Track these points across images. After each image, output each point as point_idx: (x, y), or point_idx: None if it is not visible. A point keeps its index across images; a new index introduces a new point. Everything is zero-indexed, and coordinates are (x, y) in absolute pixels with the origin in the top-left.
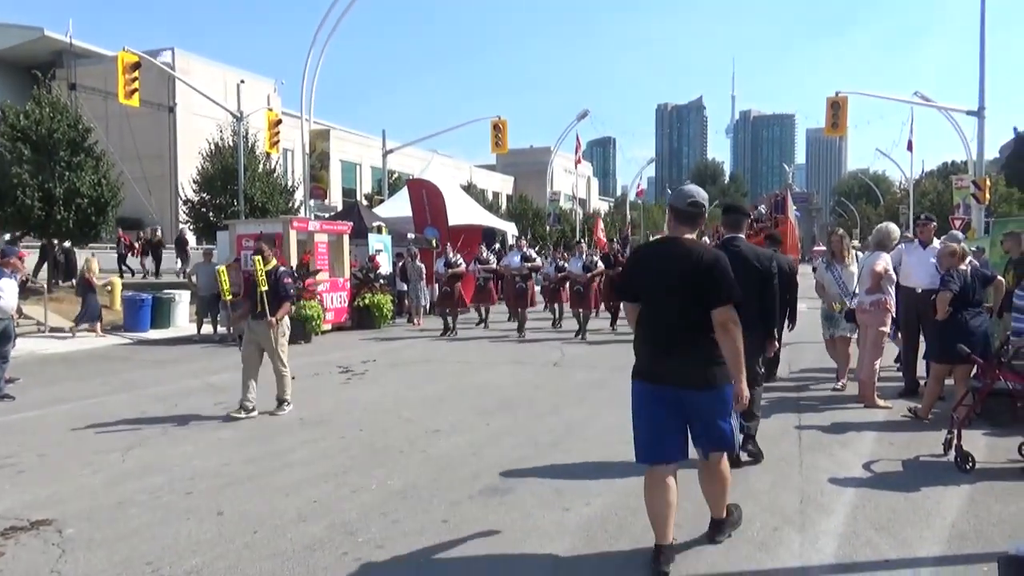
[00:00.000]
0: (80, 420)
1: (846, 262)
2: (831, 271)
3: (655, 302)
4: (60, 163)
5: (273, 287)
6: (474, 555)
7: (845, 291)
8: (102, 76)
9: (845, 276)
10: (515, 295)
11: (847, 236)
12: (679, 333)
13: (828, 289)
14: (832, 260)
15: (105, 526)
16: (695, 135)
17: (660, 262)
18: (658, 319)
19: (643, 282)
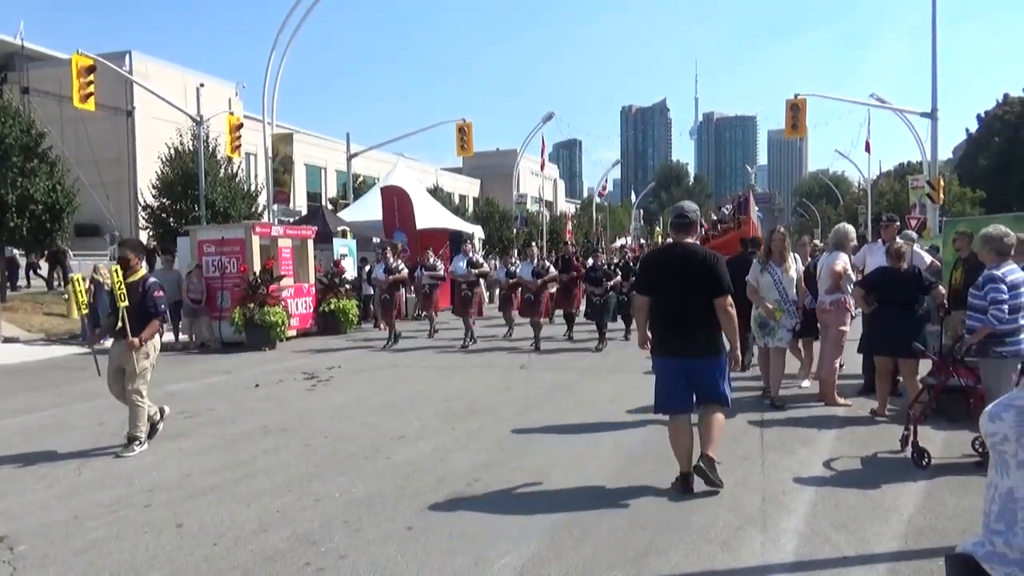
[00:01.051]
0: (35, 432)
1: (786, 264)
2: (769, 273)
3: (667, 294)
4: (12, 169)
5: (139, 303)
6: (438, 562)
7: (785, 296)
8: (56, 79)
9: (785, 280)
10: (461, 303)
11: (789, 236)
12: (687, 317)
13: (764, 293)
14: (768, 261)
15: (59, 541)
16: (660, 137)
17: (669, 262)
18: (670, 307)
19: (657, 279)
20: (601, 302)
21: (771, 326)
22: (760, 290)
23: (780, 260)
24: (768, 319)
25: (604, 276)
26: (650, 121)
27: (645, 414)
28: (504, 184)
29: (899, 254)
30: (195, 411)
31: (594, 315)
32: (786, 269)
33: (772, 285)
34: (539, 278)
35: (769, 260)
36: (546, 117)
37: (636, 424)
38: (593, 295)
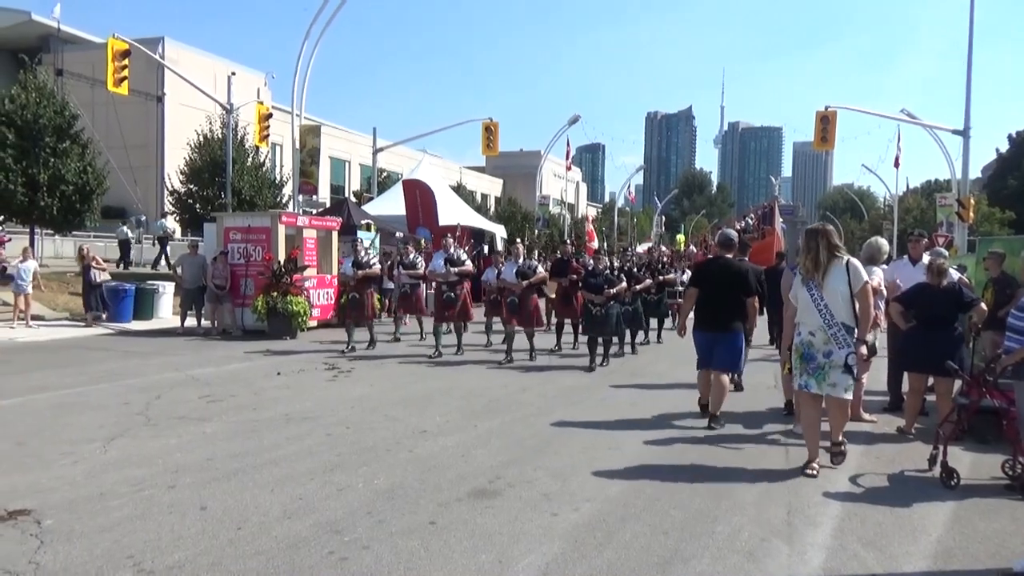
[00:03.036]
0: (60, 409)
1: (824, 276)
2: (807, 288)
3: (710, 292)
4: (45, 149)
5: None
6: (461, 558)
7: (828, 320)
8: (89, 63)
9: (827, 297)
10: (440, 306)
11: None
12: (722, 307)
13: (802, 316)
14: (810, 272)
15: (85, 518)
16: (684, 144)
17: (715, 270)
18: (712, 301)
19: (705, 278)
20: (601, 314)
21: (819, 361)
22: (798, 313)
23: (815, 271)
24: (815, 351)
25: (606, 283)
26: (675, 128)
27: (667, 419)
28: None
29: (940, 271)
30: (218, 396)
31: (590, 328)
32: (823, 282)
33: (810, 304)
34: (524, 279)
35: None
36: (572, 120)
37: (658, 429)
38: (591, 305)
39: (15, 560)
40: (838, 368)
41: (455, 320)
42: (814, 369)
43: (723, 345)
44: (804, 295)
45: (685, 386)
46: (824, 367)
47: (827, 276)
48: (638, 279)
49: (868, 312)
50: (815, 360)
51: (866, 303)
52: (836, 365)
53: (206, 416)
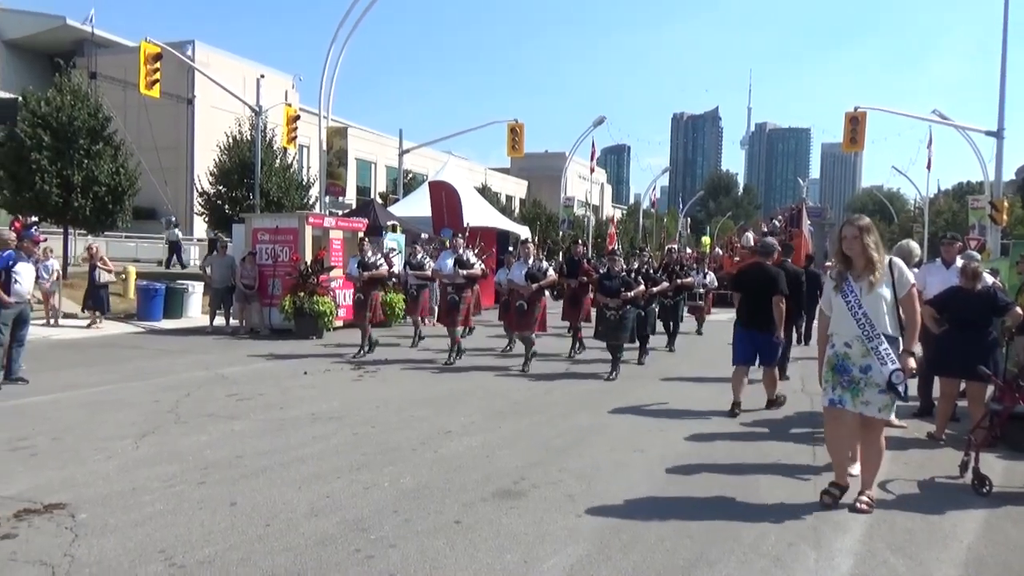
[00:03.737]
0: (93, 406)
1: (872, 276)
2: (843, 294)
3: (750, 293)
4: (79, 151)
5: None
6: (487, 558)
7: (868, 330)
8: (122, 66)
9: (867, 302)
10: (446, 309)
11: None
12: (759, 308)
13: (836, 327)
14: (846, 274)
15: (118, 512)
16: (710, 145)
17: (753, 273)
18: (751, 302)
19: (745, 282)
20: (616, 318)
21: (853, 374)
22: (832, 322)
23: (862, 271)
24: (850, 364)
25: (622, 285)
26: (701, 129)
27: (693, 422)
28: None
29: (975, 274)
30: (246, 394)
31: (606, 335)
32: (870, 284)
33: (845, 312)
34: (534, 281)
35: (846, 273)
36: (597, 121)
37: (684, 431)
38: (606, 309)
39: (51, 552)
40: (875, 387)
41: (458, 324)
42: (848, 383)
43: (763, 341)
44: (839, 302)
45: (712, 387)
46: (859, 382)
47: (866, 279)
48: (655, 281)
49: (916, 320)
50: (849, 372)
51: (913, 309)
52: (873, 383)
53: (235, 414)
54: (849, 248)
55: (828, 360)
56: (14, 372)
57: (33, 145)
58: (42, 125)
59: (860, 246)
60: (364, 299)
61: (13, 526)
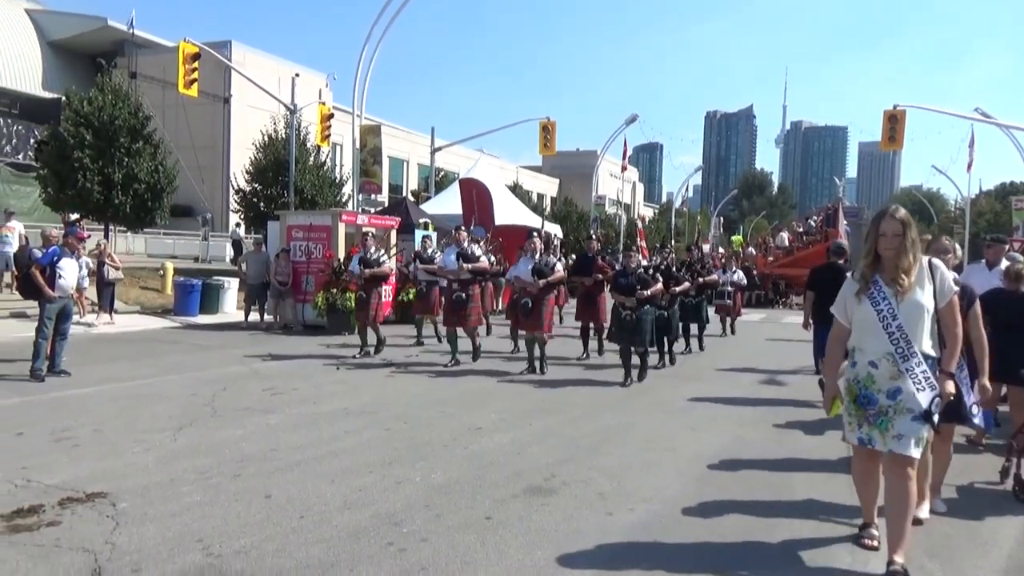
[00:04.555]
0: (132, 399)
1: (906, 282)
2: (871, 300)
3: (824, 294)
4: (120, 149)
5: None
6: (517, 554)
7: (906, 350)
8: (161, 66)
9: (903, 311)
10: (450, 307)
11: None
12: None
13: (858, 341)
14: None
15: (157, 502)
16: (744, 144)
17: (827, 273)
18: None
19: (819, 285)
20: (632, 319)
21: (880, 404)
22: (854, 335)
23: (894, 275)
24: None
25: (639, 283)
26: (735, 127)
27: (725, 421)
28: (583, 184)
29: (1018, 276)
30: (280, 389)
31: (620, 337)
32: (907, 291)
33: (875, 324)
34: (541, 278)
35: (874, 275)
36: (629, 119)
37: (715, 431)
38: (622, 309)
39: (93, 539)
40: (907, 414)
41: (463, 325)
42: (875, 416)
43: None
44: (867, 310)
45: (744, 387)
46: (887, 412)
47: (904, 284)
48: (676, 280)
49: (957, 335)
50: (874, 403)
51: (955, 322)
52: (904, 410)
53: (269, 408)
54: (888, 247)
55: (848, 388)
56: (57, 365)
57: (76, 144)
58: (84, 124)
59: (902, 245)
60: (366, 297)
61: (57, 514)
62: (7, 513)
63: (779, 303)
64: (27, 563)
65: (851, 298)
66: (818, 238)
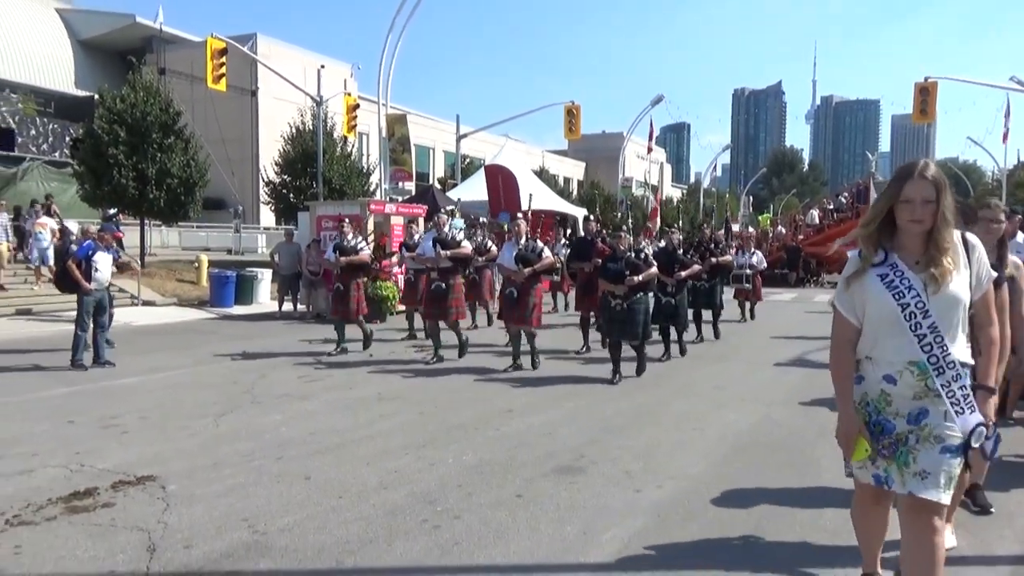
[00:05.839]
0: (174, 387)
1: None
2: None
3: None
4: (152, 145)
5: None
6: (548, 529)
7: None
8: (188, 61)
9: (936, 306)
10: (430, 299)
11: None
12: None
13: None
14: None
15: (203, 484)
16: (773, 121)
17: None
18: None
19: None
20: (622, 309)
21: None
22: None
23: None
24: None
25: (628, 268)
26: (763, 104)
27: (752, 402)
28: (610, 167)
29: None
30: (315, 376)
31: (611, 329)
32: (941, 277)
33: (898, 322)
34: (526, 265)
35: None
36: (655, 100)
37: (742, 411)
38: (611, 298)
39: (146, 519)
40: (935, 444)
41: (444, 318)
42: (892, 447)
43: None
44: (883, 303)
45: (771, 369)
46: (906, 440)
47: (941, 268)
48: (683, 263)
49: (993, 337)
50: (889, 431)
51: (991, 319)
52: (931, 438)
53: (306, 394)
54: (914, 218)
55: (857, 405)
56: (101, 356)
57: (110, 141)
58: (118, 121)
59: (938, 215)
60: (344, 289)
61: (111, 496)
62: (65, 495)
63: (810, 282)
64: (87, 541)
65: (846, 286)
66: (849, 215)
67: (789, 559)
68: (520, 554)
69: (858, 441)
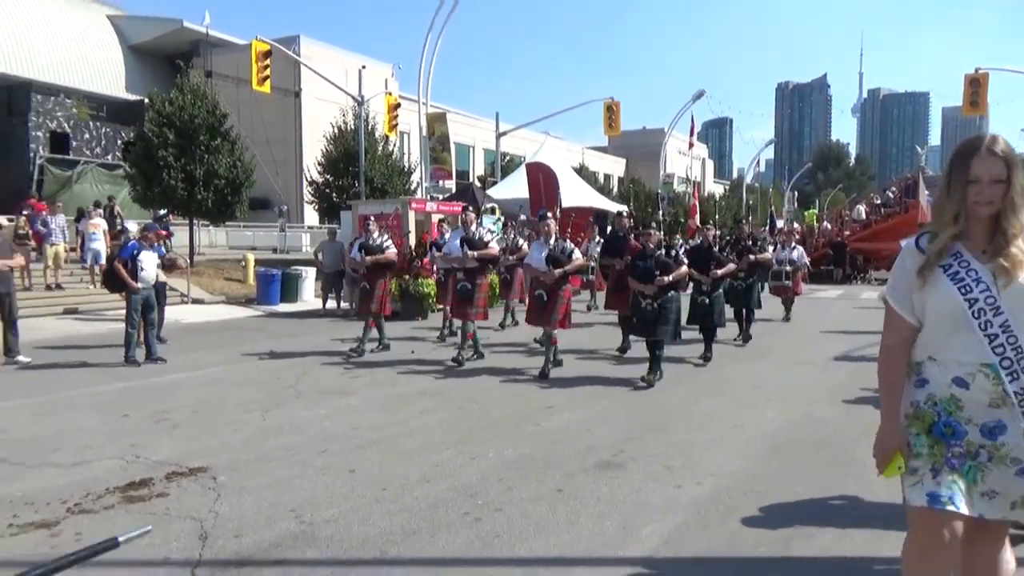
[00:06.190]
0: (222, 383)
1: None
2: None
3: None
4: (200, 147)
5: None
6: (587, 523)
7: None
8: (233, 64)
9: (1010, 299)
10: (456, 298)
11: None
12: None
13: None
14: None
15: (251, 476)
16: (818, 115)
17: None
18: None
19: None
20: (652, 309)
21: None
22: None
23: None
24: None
25: (659, 268)
26: (807, 98)
27: (792, 399)
28: (650, 163)
29: None
30: (358, 372)
31: (642, 328)
32: (1009, 267)
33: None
34: (556, 266)
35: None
36: (696, 95)
37: (783, 408)
38: (641, 297)
39: (198, 509)
40: (1010, 466)
41: (471, 318)
42: (961, 456)
43: None
44: (947, 298)
45: (814, 363)
46: (978, 454)
47: (1012, 257)
48: (718, 261)
49: None
50: (960, 435)
51: None
52: (1007, 459)
53: (348, 390)
54: (983, 199)
55: (918, 415)
56: (154, 353)
57: (160, 143)
58: (167, 124)
59: (1008, 196)
60: (370, 288)
61: (165, 486)
62: (122, 485)
63: (856, 279)
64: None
65: (912, 278)
66: (897, 210)
67: (834, 556)
68: (560, 547)
69: (895, 457)
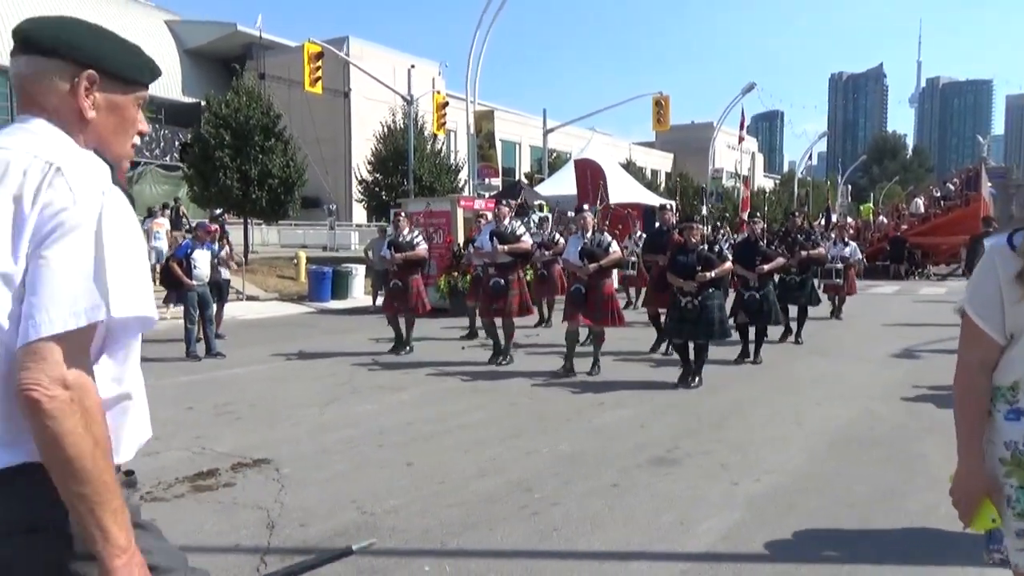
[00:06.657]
0: (280, 378)
1: None
2: None
3: None
4: (255, 147)
5: None
6: (644, 518)
7: None
8: (285, 65)
9: None
10: (487, 296)
11: None
12: None
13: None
14: None
15: (313, 469)
16: (873, 106)
17: None
18: None
19: None
20: (694, 307)
21: None
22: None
23: None
24: None
25: (700, 263)
26: (862, 89)
27: (852, 396)
28: (699, 158)
29: None
30: (410, 367)
31: (681, 330)
32: None
33: None
34: (592, 260)
35: None
36: (746, 88)
37: (841, 406)
38: (680, 295)
39: (264, 499)
40: None
41: (504, 316)
42: None
43: None
44: None
45: (873, 360)
46: None
47: None
48: (765, 256)
49: None
50: None
51: None
52: None
53: (402, 385)
54: None
55: (1016, 460)
56: (213, 348)
57: (216, 144)
58: (223, 126)
59: None
60: (403, 285)
61: (231, 477)
62: (191, 475)
63: (915, 274)
64: (212, 517)
65: (1001, 291)
66: (958, 203)
67: (896, 554)
68: (617, 542)
69: (983, 504)
